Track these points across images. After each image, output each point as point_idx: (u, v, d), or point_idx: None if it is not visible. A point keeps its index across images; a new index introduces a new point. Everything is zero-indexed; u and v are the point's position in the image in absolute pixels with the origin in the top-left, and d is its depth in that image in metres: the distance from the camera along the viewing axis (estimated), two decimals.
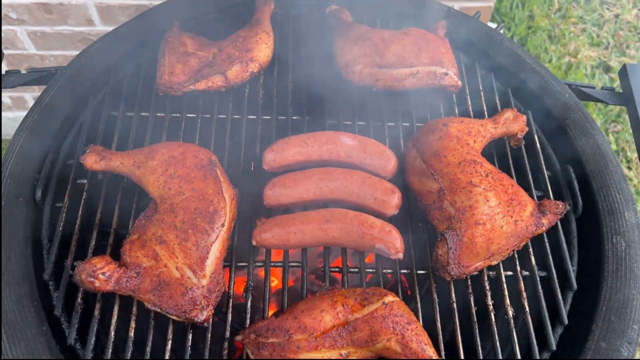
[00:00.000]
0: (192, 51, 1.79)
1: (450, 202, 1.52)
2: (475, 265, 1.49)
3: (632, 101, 1.87)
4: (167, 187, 1.50)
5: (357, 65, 1.82)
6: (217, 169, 1.55)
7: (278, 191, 1.59)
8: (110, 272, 1.39)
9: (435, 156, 1.60)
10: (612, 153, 1.76)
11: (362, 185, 1.60)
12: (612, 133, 4.54)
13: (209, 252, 1.43)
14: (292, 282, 2.13)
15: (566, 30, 5.04)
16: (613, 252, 1.58)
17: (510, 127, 1.74)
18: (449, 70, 1.81)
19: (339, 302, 1.39)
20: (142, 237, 1.45)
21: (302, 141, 1.67)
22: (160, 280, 1.39)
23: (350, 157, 1.68)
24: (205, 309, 1.40)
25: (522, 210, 1.53)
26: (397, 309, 1.38)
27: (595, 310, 1.50)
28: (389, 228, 1.53)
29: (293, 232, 1.52)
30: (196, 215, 1.46)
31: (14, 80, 1.82)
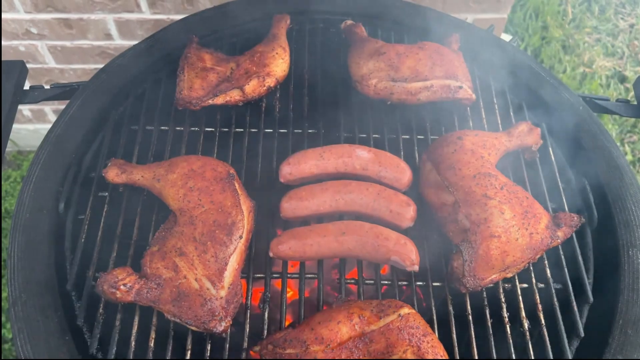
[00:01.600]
0: (211, 66, 1.83)
1: (465, 215, 1.53)
2: (490, 278, 1.50)
3: None
4: (186, 200, 1.53)
5: (372, 79, 1.84)
6: (235, 182, 1.58)
7: (294, 203, 1.61)
8: (132, 283, 1.42)
9: (450, 169, 1.61)
10: (627, 165, 1.76)
11: (378, 198, 1.62)
12: (628, 143, 4.51)
13: (227, 264, 1.45)
14: (308, 293, 2.15)
15: (580, 41, 5.03)
16: (629, 264, 1.58)
17: (525, 139, 1.75)
18: (463, 83, 1.83)
19: (355, 314, 1.41)
20: (163, 249, 1.48)
21: (318, 154, 1.69)
22: (180, 292, 1.42)
23: (366, 170, 1.70)
24: (223, 320, 1.42)
25: (537, 222, 1.54)
26: (413, 321, 1.40)
27: (611, 323, 1.50)
28: (404, 240, 1.54)
29: (309, 244, 1.55)
30: (215, 227, 1.49)
31: (38, 96, 1.87)
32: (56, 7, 3.27)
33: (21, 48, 3.50)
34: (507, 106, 1.94)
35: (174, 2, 3.30)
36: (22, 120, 4.07)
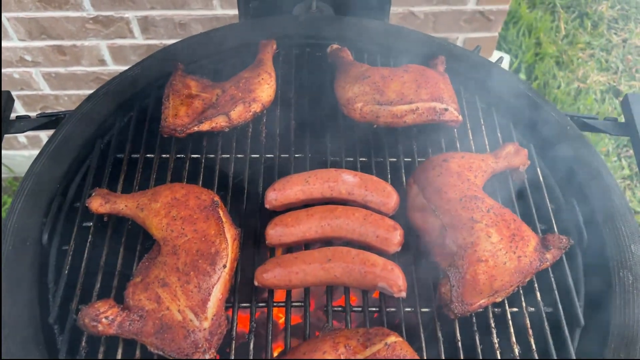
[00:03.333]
0: (196, 93, 1.83)
1: (452, 239, 1.51)
2: (479, 303, 1.48)
3: (635, 131, 1.86)
4: (169, 229, 1.52)
5: (358, 102, 1.84)
6: (219, 210, 1.57)
7: (280, 230, 1.60)
8: (113, 316, 1.40)
9: (436, 192, 1.60)
10: (616, 185, 1.74)
11: (364, 223, 1.61)
12: (624, 158, 4.50)
13: (210, 294, 1.43)
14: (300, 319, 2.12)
15: (574, 56, 5.05)
16: (620, 286, 1.55)
17: (512, 161, 1.74)
18: (449, 105, 1.83)
19: (341, 344, 1.38)
20: (145, 280, 1.46)
21: (303, 179, 1.68)
22: (163, 324, 1.40)
23: (352, 195, 1.69)
24: (207, 352, 1.40)
25: (526, 245, 1.52)
26: (399, 350, 1.37)
27: (604, 346, 1.47)
28: (391, 266, 1.52)
29: (295, 272, 1.53)
30: (198, 257, 1.47)
31: (24, 126, 1.87)
32: (50, 35, 3.30)
33: (15, 75, 3.53)
34: (494, 127, 1.93)
35: (167, 27, 3.33)
36: (17, 146, 4.08)
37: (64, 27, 3.26)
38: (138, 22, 3.29)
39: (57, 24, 3.23)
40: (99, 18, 3.21)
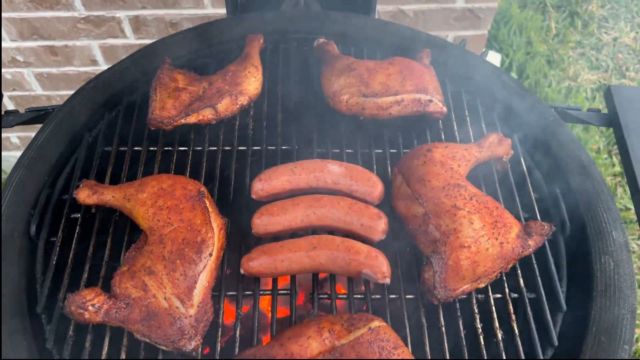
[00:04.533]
0: (183, 86, 1.85)
1: (435, 226, 1.53)
2: (462, 289, 1.50)
3: (617, 122, 1.89)
4: (156, 219, 1.53)
5: (344, 95, 1.86)
6: (205, 200, 1.59)
7: (266, 219, 1.62)
8: (100, 304, 1.42)
9: (420, 181, 1.62)
10: (598, 173, 1.77)
11: (349, 212, 1.62)
12: (615, 155, 4.52)
13: (196, 282, 1.45)
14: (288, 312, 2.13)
15: (565, 55, 5.09)
16: (602, 272, 1.58)
17: (496, 150, 1.76)
18: (433, 97, 1.85)
19: (326, 328, 1.40)
20: (132, 269, 1.48)
21: (289, 170, 1.70)
22: (149, 311, 1.41)
23: (338, 184, 1.70)
24: (193, 339, 1.41)
25: (508, 232, 1.54)
26: (383, 334, 1.39)
27: (585, 330, 1.49)
28: (375, 253, 1.54)
29: (280, 260, 1.54)
30: (184, 245, 1.48)
31: (12, 120, 1.89)
32: (41, 35, 3.32)
33: (7, 76, 3.54)
34: (478, 118, 1.95)
35: (158, 27, 3.36)
36: (10, 147, 4.09)
37: (55, 27, 3.27)
38: (129, 22, 3.31)
39: (49, 24, 3.25)
40: (90, 18, 3.23)
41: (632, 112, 1.89)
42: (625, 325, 1.48)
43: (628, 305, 1.51)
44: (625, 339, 1.46)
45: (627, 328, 1.48)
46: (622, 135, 1.84)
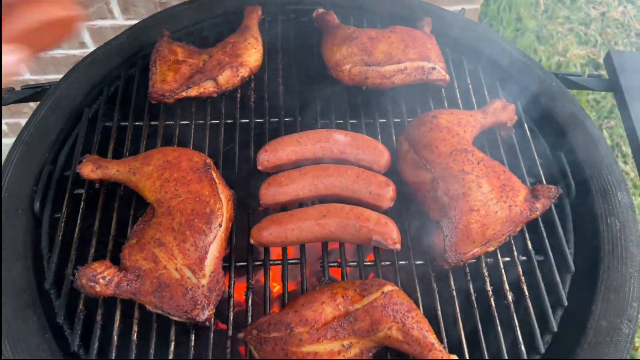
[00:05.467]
0: (183, 59, 1.82)
1: (444, 191, 1.54)
2: (472, 252, 1.50)
3: (618, 86, 1.90)
4: (163, 191, 1.52)
5: (346, 64, 1.85)
6: (212, 171, 1.57)
7: (273, 190, 1.61)
8: (111, 276, 1.40)
9: (427, 147, 1.62)
10: (601, 137, 1.78)
11: (357, 180, 1.62)
12: (605, 129, 4.57)
13: (207, 252, 1.44)
14: (295, 286, 2.13)
15: (554, 31, 5.10)
16: (608, 232, 1.59)
17: (500, 116, 1.76)
18: (436, 64, 1.84)
19: (339, 294, 1.40)
20: (141, 241, 1.46)
21: (295, 140, 1.69)
22: (161, 282, 1.40)
23: (344, 154, 1.70)
24: (206, 308, 1.40)
25: (516, 195, 1.55)
26: (396, 298, 1.39)
27: (594, 290, 1.51)
28: (385, 220, 1.54)
29: (290, 229, 1.54)
30: (193, 216, 1.47)
31: (8, 98, 1.85)
32: None
33: None
34: (481, 86, 1.95)
35: (147, 7, 3.29)
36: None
37: None
38: (118, 2, 3.24)
39: None
40: None
41: (632, 76, 1.90)
42: (633, 283, 1.50)
43: (635, 264, 1.53)
44: (634, 296, 1.48)
45: (635, 286, 1.50)
46: (623, 99, 1.85)
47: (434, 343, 1.35)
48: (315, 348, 1.33)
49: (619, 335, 1.43)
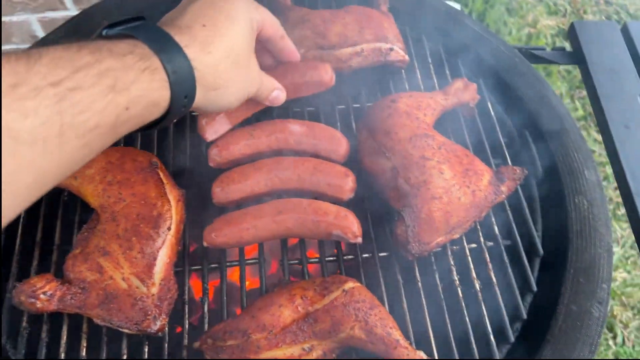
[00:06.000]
0: None
1: (405, 179, 1.46)
2: (436, 241, 1.44)
3: (582, 58, 1.83)
4: (106, 195, 1.42)
5: (300, 49, 1.74)
6: (159, 171, 1.48)
7: (226, 187, 1.52)
8: (52, 291, 1.31)
9: (386, 134, 1.54)
10: (567, 112, 1.72)
11: (315, 172, 1.54)
12: (577, 99, 4.54)
13: (156, 259, 1.35)
14: None
15: (523, 2, 5.04)
16: (576, 212, 1.54)
17: (462, 96, 1.69)
18: (394, 45, 1.76)
19: (298, 295, 1.33)
20: (85, 251, 1.37)
21: (247, 133, 1.60)
22: (107, 294, 1.31)
23: (301, 145, 1.61)
24: (158, 318, 1.32)
25: (479, 179, 1.49)
26: (358, 295, 1.32)
27: (563, 273, 1.46)
28: (344, 213, 1.47)
29: (245, 229, 1.45)
30: (139, 221, 1.38)
31: None
32: None
33: None
34: (442, 65, 1.87)
35: None
36: None
37: None
38: None
39: None
40: None
41: (596, 48, 1.84)
42: (602, 264, 1.46)
43: (604, 244, 1.49)
44: (603, 277, 1.44)
45: (605, 267, 1.45)
46: (587, 71, 1.79)
47: (399, 340, 1.29)
48: (274, 354, 1.26)
49: (590, 318, 1.39)
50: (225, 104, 1.25)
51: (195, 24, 1.13)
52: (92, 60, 0.89)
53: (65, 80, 0.84)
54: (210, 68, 1.13)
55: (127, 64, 0.94)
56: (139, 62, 0.96)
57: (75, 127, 0.85)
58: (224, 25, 1.18)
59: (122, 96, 0.92)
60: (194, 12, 1.17)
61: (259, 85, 1.36)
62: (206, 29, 1.14)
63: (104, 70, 0.90)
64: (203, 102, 1.17)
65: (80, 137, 0.87)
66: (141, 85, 0.96)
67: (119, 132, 0.97)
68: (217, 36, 1.15)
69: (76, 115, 0.85)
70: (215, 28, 1.16)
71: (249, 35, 1.26)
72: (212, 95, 1.18)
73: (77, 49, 0.90)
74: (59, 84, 0.83)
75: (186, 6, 1.20)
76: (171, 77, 1.02)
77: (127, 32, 1.02)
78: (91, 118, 0.87)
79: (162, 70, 1.00)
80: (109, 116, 0.91)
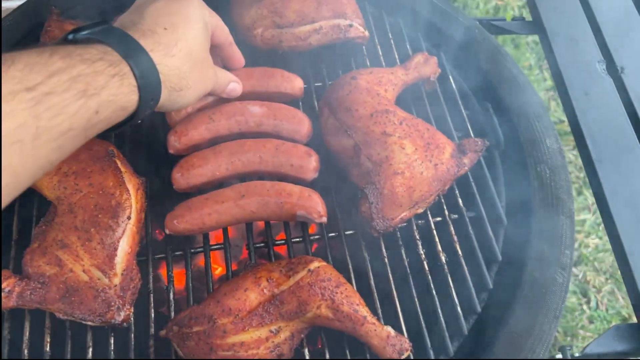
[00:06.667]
0: None
1: (367, 156, 1.46)
2: (400, 216, 1.44)
3: (542, 28, 1.83)
4: (62, 187, 1.38)
5: (257, 28, 1.72)
6: (116, 159, 1.44)
7: (187, 172, 1.49)
8: (10, 287, 1.28)
9: (347, 111, 1.53)
10: (528, 82, 1.72)
11: (277, 153, 1.52)
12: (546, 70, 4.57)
13: (116, 249, 1.33)
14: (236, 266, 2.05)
15: None
16: (539, 180, 1.56)
17: (422, 71, 1.68)
18: (353, 21, 1.73)
19: (263, 278, 1.32)
20: (43, 244, 1.33)
21: (207, 117, 1.56)
22: (68, 287, 1.29)
23: (262, 126, 1.59)
24: (121, 309, 1.30)
25: (441, 153, 1.48)
26: (323, 274, 1.32)
27: (527, 241, 1.48)
28: (308, 193, 1.46)
29: (207, 214, 1.43)
30: (97, 211, 1.35)
31: None
32: None
33: None
34: (403, 40, 1.86)
35: None
36: None
37: None
38: None
39: None
40: None
41: (556, 17, 1.84)
42: (565, 230, 1.47)
43: (566, 211, 1.50)
44: (566, 244, 1.46)
45: (567, 233, 1.47)
46: (548, 40, 1.79)
47: (366, 316, 1.29)
48: (241, 338, 1.26)
49: (554, 285, 1.41)
50: (186, 102, 1.29)
51: (158, 28, 1.17)
52: (64, 66, 0.92)
53: (40, 85, 0.88)
54: (174, 70, 1.17)
55: (98, 70, 0.98)
56: (108, 67, 1.00)
57: (50, 130, 0.88)
58: (183, 28, 1.22)
59: (92, 100, 0.96)
60: (153, 15, 1.20)
61: (214, 83, 1.41)
62: (168, 32, 1.18)
63: (75, 76, 0.93)
64: (167, 103, 1.21)
65: (54, 139, 0.90)
66: (111, 90, 1.00)
67: (89, 134, 1.01)
68: (179, 39, 1.20)
69: (51, 119, 0.88)
70: (176, 31, 1.20)
71: (205, 36, 1.32)
72: (175, 96, 1.22)
73: (50, 54, 0.93)
74: (34, 88, 0.87)
75: (142, 8, 1.23)
76: (139, 81, 1.06)
77: (94, 37, 1.05)
78: (64, 121, 0.91)
79: (130, 75, 1.04)
80: (81, 119, 0.94)
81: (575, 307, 3.31)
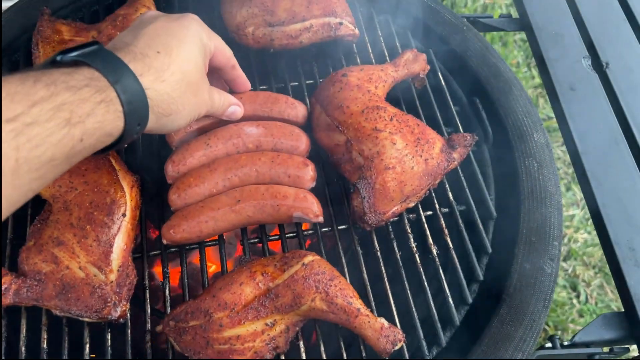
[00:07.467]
0: (69, 38, 1.66)
1: (358, 152, 1.48)
2: (392, 211, 1.47)
3: (528, 24, 1.87)
4: (57, 185, 1.40)
5: (248, 27, 1.73)
6: (110, 158, 1.46)
7: (183, 193, 1.45)
8: (7, 285, 1.29)
9: (338, 108, 1.55)
10: (515, 78, 1.76)
11: (273, 166, 1.49)
12: (533, 67, 4.62)
13: (112, 246, 1.34)
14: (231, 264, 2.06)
15: None
16: (527, 174, 1.59)
17: (412, 67, 1.71)
18: (343, 19, 1.76)
19: (258, 272, 1.34)
20: (39, 242, 1.35)
21: (203, 143, 1.52)
22: (64, 284, 1.30)
23: (260, 146, 1.53)
24: (118, 305, 1.32)
25: (431, 148, 1.51)
26: (317, 267, 1.34)
27: (516, 234, 1.51)
28: (303, 194, 1.46)
29: (204, 222, 1.42)
30: (92, 209, 1.36)
31: None
32: None
33: None
34: (392, 37, 1.88)
35: None
36: None
37: None
38: None
39: None
40: None
41: (541, 13, 1.88)
42: (553, 222, 1.51)
43: (554, 203, 1.54)
44: (555, 235, 1.49)
45: (555, 225, 1.50)
46: (534, 37, 1.82)
47: (360, 308, 1.32)
48: (237, 331, 1.28)
49: (543, 275, 1.44)
50: (175, 127, 1.26)
51: (150, 51, 1.14)
52: (47, 94, 0.90)
53: (22, 115, 0.85)
54: (164, 95, 1.14)
55: (83, 97, 0.95)
56: (95, 94, 0.97)
57: (31, 160, 0.86)
58: (178, 51, 1.18)
59: (77, 129, 0.93)
60: (148, 36, 1.17)
61: (208, 107, 1.37)
62: (161, 56, 1.15)
63: (59, 104, 0.91)
64: (155, 127, 1.18)
65: (35, 170, 0.88)
66: (96, 117, 0.97)
67: (73, 161, 0.99)
68: (172, 63, 1.16)
69: (32, 149, 0.86)
70: (169, 55, 1.16)
71: (201, 60, 1.28)
72: (164, 121, 1.19)
73: (33, 82, 0.90)
74: (15, 119, 0.84)
75: (139, 29, 1.20)
76: (126, 107, 1.02)
77: (82, 59, 1.01)
78: (46, 151, 0.88)
79: (117, 101, 1.01)
80: (64, 148, 0.92)
81: (565, 301, 3.35)
